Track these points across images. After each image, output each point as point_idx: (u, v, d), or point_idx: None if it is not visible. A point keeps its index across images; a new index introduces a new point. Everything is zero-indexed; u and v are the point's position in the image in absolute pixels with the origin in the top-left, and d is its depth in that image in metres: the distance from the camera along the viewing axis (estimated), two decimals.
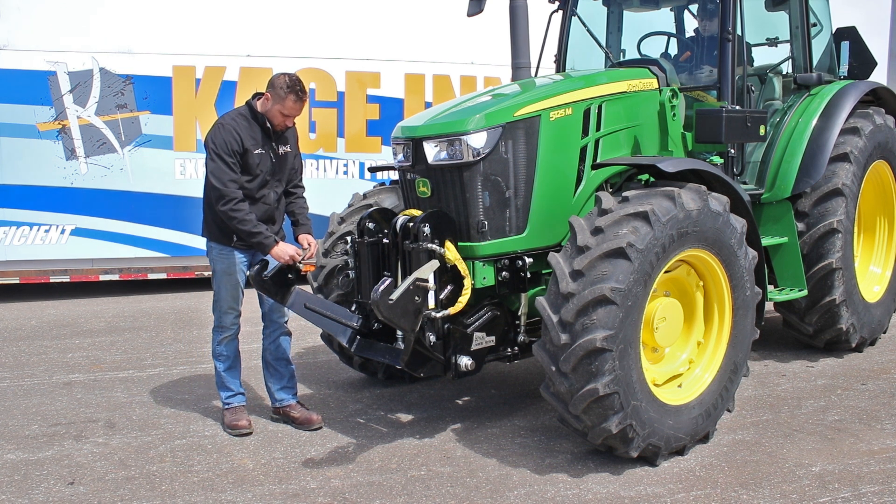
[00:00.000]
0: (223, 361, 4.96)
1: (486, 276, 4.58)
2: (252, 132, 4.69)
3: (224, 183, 4.56)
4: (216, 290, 4.89)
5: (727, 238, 4.50)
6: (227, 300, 4.87)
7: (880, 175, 6.63)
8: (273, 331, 5.01)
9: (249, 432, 4.84)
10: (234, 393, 4.98)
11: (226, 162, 4.58)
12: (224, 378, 4.97)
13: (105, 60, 8.67)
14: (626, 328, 4.04)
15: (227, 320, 4.91)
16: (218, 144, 4.61)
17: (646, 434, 4.20)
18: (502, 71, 8.63)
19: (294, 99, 4.63)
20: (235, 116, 4.73)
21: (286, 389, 5.07)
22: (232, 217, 4.56)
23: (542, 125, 4.66)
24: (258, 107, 4.73)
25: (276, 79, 4.66)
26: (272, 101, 4.66)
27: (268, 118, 4.70)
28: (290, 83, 4.62)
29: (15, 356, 6.70)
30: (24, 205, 8.64)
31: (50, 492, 4.13)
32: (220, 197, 4.56)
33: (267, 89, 4.69)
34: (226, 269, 4.83)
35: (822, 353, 6.35)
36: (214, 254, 4.84)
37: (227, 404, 4.98)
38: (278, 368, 5.05)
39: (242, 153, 4.63)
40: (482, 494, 4.06)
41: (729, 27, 5.38)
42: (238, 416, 4.91)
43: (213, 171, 4.60)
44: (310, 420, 4.96)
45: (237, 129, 4.64)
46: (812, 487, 4.09)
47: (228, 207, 4.55)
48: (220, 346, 4.95)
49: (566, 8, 6.41)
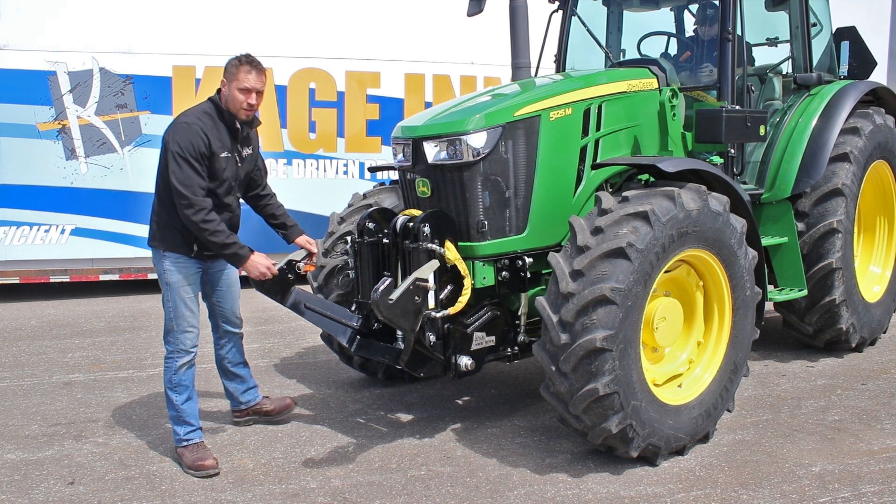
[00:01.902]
0: (181, 392, 4.40)
1: (486, 276, 4.58)
2: (219, 133, 4.32)
3: (194, 191, 4.16)
4: (172, 307, 4.38)
5: (727, 238, 4.50)
6: (187, 317, 4.39)
7: (880, 175, 6.63)
8: (228, 341, 4.77)
9: (217, 472, 4.29)
10: (193, 428, 4.44)
11: (193, 167, 4.17)
12: (182, 412, 4.40)
13: (105, 60, 8.67)
14: (626, 328, 4.04)
15: (188, 341, 4.41)
16: (184, 146, 4.18)
17: (646, 434, 4.20)
18: (502, 71, 8.62)
19: (248, 69, 4.29)
20: (200, 115, 4.31)
21: (251, 390, 4.93)
22: (203, 229, 4.17)
23: (542, 125, 4.66)
24: (221, 101, 4.38)
25: (228, 62, 4.37)
26: (228, 83, 4.32)
27: (230, 108, 4.33)
28: (241, 56, 4.34)
29: (15, 356, 6.70)
30: (24, 205, 8.64)
31: (50, 492, 4.13)
32: (190, 206, 4.15)
33: (223, 77, 4.37)
34: (181, 281, 4.37)
35: (822, 353, 6.35)
36: (168, 264, 4.37)
37: (187, 441, 4.40)
38: (239, 373, 4.86)
39: (209, 156, 4.25)
40: (482, 494, 4.06)
41: (729, 27, 5.38)
42: (202, 455, 4.36)
43: (179, 176, 4.16)
44: (285, 405, 4.89)
45: (204, 129, 4.24)
46: (812, 487, 4.10)
47: (200, 218, 4.16)
48: (178, 375, 4.39)
49: (566, 8, 6.41)
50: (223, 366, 4.85)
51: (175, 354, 4.41)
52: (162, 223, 4.39)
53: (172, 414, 4.46)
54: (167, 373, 4.43)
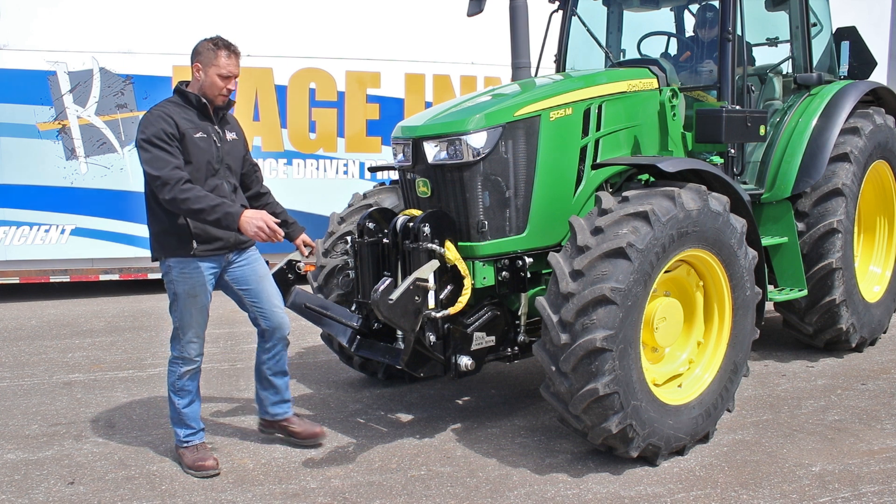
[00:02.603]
0: (184, 397, 4.36)
1: (486, 276, 4.58)
2: (186, 115, 4.12)
3: (163, 169, 3.94)
4: (179, 317, 4.29)
5: (727, 238, 4.50)
6: (194, 328, 4.29)
7: (880, 175, 6.63)
8: (274, 345, 4.54)
9: (217, 473, 4.28)
10: (194, 430, 4.40)
11: (161, 148, 3.97)
12: (184, 415, 4.37)
13: (105, 60, 8.67)
14: (626, 328, 4.04)
15: (192, 351, 4.32)
16: (148, 132, 3.99)
17: (646, 434, 4.20)
18: (502, 71, 8.63)
19: (226, 54, 4.13)
20: (163, 104, 4.17)
21: (282, 403, 4.65)
22: (183, 199, 3.90)
23: (542, 125, 4.66)
24: (191, 89, 4.20)
25: (199, 45, 4.16)
26: (204, 67, 4.13)
27: (205, 93, 4.16)
28: (216, 40, 4.16)
29: (15, 356, 6.70)
30: (24, 205, 8.64)
31: (50, 492, 4.13)
32: (164, 184, 3.91)
33: (193, 61, 4.17)
34: (190, 291, 4.24)
35: (822, 353, 6.35)
36: (174, 274, 4.23)
37: (187, 442, 4.38)
38: (276, 383, 4.62)
39: (180, 138, 4.05)
40: (482, 494, 4.06)
41: (729, 27, 5.38)
42: (203, 455, 4.34)
43: (149, 161, 3.95)
44: (314, 433, 4.62)
45: (167, 112, 4.08)
46: (812, 487, 4.10)
47: (177, 190, 3.91)
48: (182, 381, 4.33)
49: (566, 8, 6.42)
50: (261, 371, 4.60)
51: (179, 361, 4.34)
52: (156, 231, 4.25)
53: (173, 416, 4.41)
54: (170, 377, 4.37)
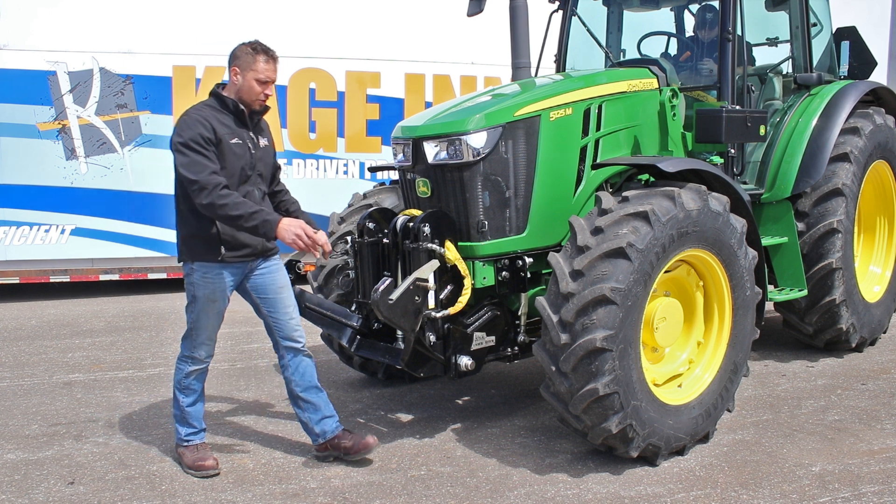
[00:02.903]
0: (188, 395, 4.33)
1: (486, 276, 4.57)
2: (223, 120, 4.11)
3: (201, 174, 3.93)
4: (194, 319, 4.24)
5: (727, 238, 4.50)
6: (207, 331, 4.26)
7: (880, 175, 6.63)
8: (292, 358, 4.36)
9: (217, 473, 4.27)
10: (196, 430, 4.38)
11: (199, 152, 3.96)
12: (187, 414, 4.34)
13: (105, 60, 8.68)
14: (626, 328, 4.04)
15: (202, 353, 4.31)
16: (186, 136, 3.97)
17: (646, 434, 4.20)
18: (502, 71, 8.62)
19: (265, 59, 4.12)
20: (200, 107, 4.15)
21: (326, 420, 4.39)
22: (221, 205, 3.89)
23: (542, 125, 4.66)
24: (226, 92, 4.19)
25: (237, 49, 4.16)
26: (242, 72, 4.12)
27: (242, 98, 4.16)
28: (254, 44, 4.15)
29: (15, 356, 6.70)
30: (24, 205, 8.65)
31: (50, 492, 4.13)
32: (201, 189, 3.90)
33: (230, 65, 4.17)
34: (209, 296, 4.19)
35: (822, 353, 6.35)
36: (196, 277, 4.17)
37: (187, 441, 4.36)
38: (311, 399, 4.37)
39: (217, 143, 4.04)
40: (482, 494, 4.06)
41: (729, 27, 5.38)
42: (203, 455, 4.32)
43: (187, 165, 3.94)
44: (366, 444, 4.37)
45: (205, 116, 4.06)
46: (812, 487, 4.09)
47: (214, 195, 3.89)
48: (188, 379, 4.31)
49: (566, 8, 6.41)
50: (291, 390, 4.40)
51: (188, 360, 4.32)
52: (184, 235, 4.20)
53: (176, 413, 4.39)
54: (177, 374, 4.35)
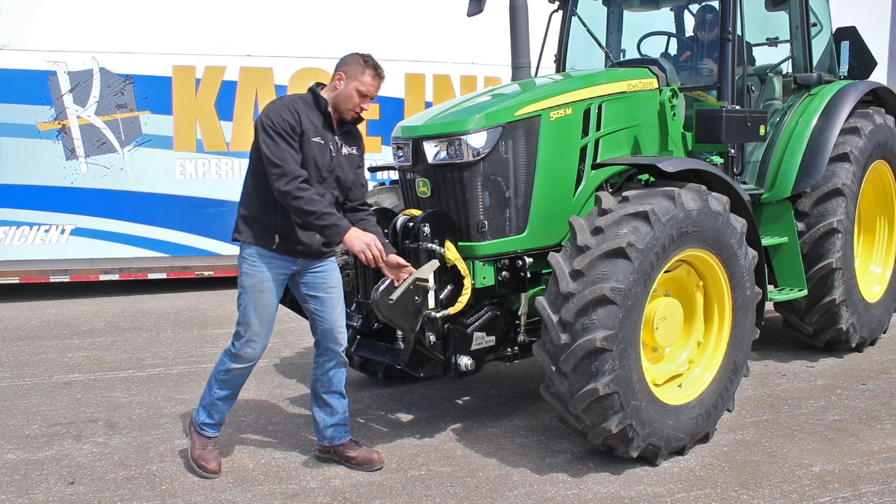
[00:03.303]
0: (223, 388, 4.25)
1: (486, 276, 4.58)
2: (312, 116, 4.06)
3: (286, 160, 3.90)
4: (242, 311, 4.15)
5: (727, 238, 4.50)
6: (253, 326, 4.12)
7: (880, 175, 6.63)
8: (327, 360, 4.30)
9: (216, 477, 4.23)
10: (214, 423, 4.32)
11: (286, 140, 3.93)
12: (215, 404, 4.28)
13: (105, 60, 8.68)
14: (626, 328, 4.04)
15: (249, 352, 4.15)
16: (275, 120, 3.95)
17: (646, 434, 4.20)
18: (502, 71, 8.63)
19: (373, 74, 4.08)
20: (294, 98, 4.13)
21: (339, 427, 4.39)
22: (298, 196, 3.86)
23: (542, 125, 4.67)
24: (323, 94, 4.13)
25: (349, 57, 4.13)
26: (347, 79, 4.08)
27: (339, 103, 4.10)
28: (367, 58, 4.10)
29: (15, 356, 6.70)
30: (24, 205, 8.65)
31: (50, 492, 4.13)
32: (283, 174, 3.87)
33: (338, 69, 4.12)
34: (257, 286, 4.09)
35: (822, 353, 6.35)
36: (246, 266, 4.10)
37: (201, 430, 4.31)
38: (331, 403, 4.35)
39: (300, 135, 3.99)
40: (482, 494, 4.06)
41: (729, 27, 5.38)
42: (209, 455, 4.28)
43: (273, 149, 3.91)
44: (370, 460, 4.36)
45: (295, 107, 4.03)
46: (812, 487, 4.10)
47: (294, 186, 3.86)
48: (229, 374, 4.21)
49: (566, 8, 6.42)
50: (315, 389, 4.38)
51: (233, 357, 4.18)
52: (245, 213, 4.11)
53: (206, 400, 4.30)
54: (219, 364, 4.25)
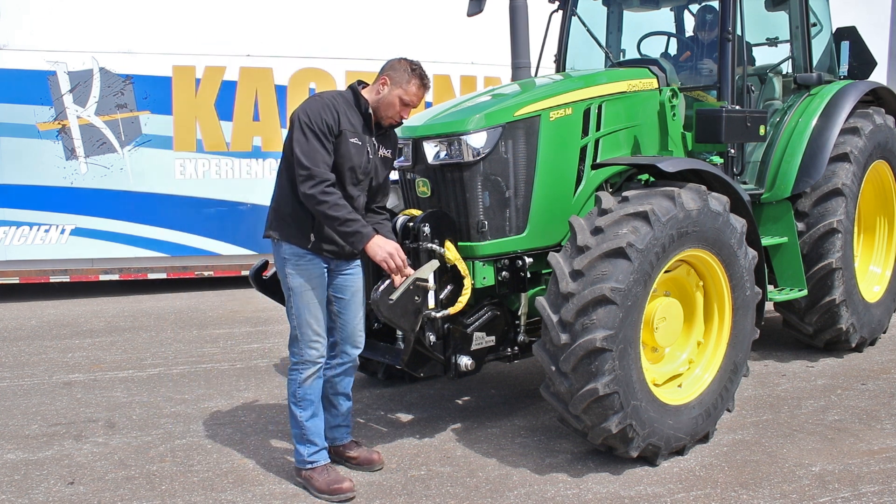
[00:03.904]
0: (305, 408, 4.01)
1: (486, 276, 4.58)
2: (351, 117, 3.94)
3: (316, 163, 3.77)
4: (295, 314, 3.98)
5: (727, 238, 4.50)
6: (312, 325, 3.97)
7: (880, 175, 6.63)
8: (341, 362, 4.22)
9: (354, 496, 4.00)
10: (318, 448, 4.07)
11: (319, 140, 3.80)
12: (307, 430, 4.03)
13: (105, 60, 8.68)
14: (625, 328, 4.04)
15: (314, 352, 4.00)
16: (312, 117, 3.82)
17: (646, 434, 4.20)
18: (502, 71, 8.63)
19: (419, 84, 3.98)
20: (335, 95, 3.98)
21: (341, 428, 4.35)
22: (322, 201, 3.75)
23: (542, 125, 4.67)
24: (365, 94, 4.02)
25: (397, 62, 4.01)
26: (391, 85, 3.96)
27: (379, 108, 3.99)
28: (415, 66, 3.99)
29: (15, 356, 6.70)
30: (24, 205, 8.65)
31: (50, 492, 4.13)
32: (310, 177, 3.75)
33: (383, 73, 4.01)
34: (305, 283, 3.95)
35: (822, 353, 6.35)
36: (290, 267, 3.95)
37: (312, 463, 4.05)
38: (336, 404, 4.29)
39: (338, 135, 3.87)
40: (482, 494, 4.06)
41: (729, 27, 5.38)
42: (337, 478, 4.03)
43: (304, 147, 3.78)
44: (371, 460, 4.33)
45: (336, 106, 3.89)
46: (812, 487, 4.10)
47: (319, 190, 3.74)
48: (303, 388, 4.00)
49: (566, 8, 6.42)
50: (323, 389, 4.22)
51: (300, 366, 4.02)
52: (281, 211, 3.99)
53: (296, 432, 4.08)
54: (291, 385, 4.04)
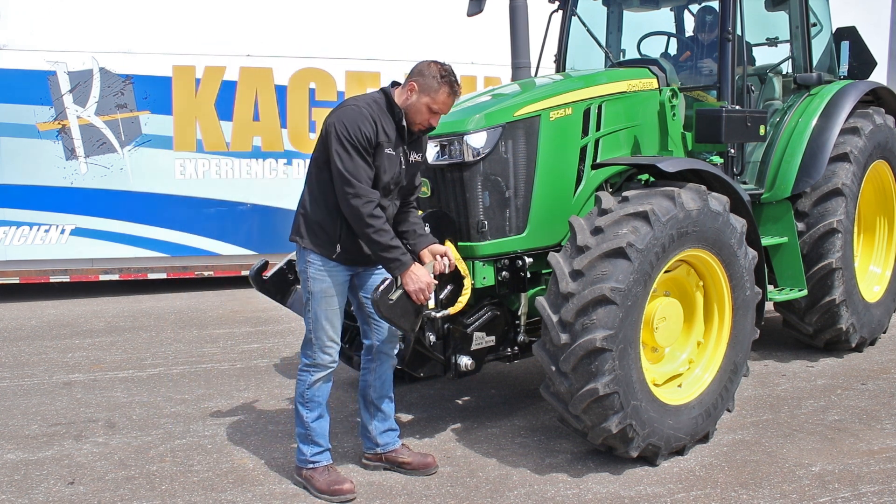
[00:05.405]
0: (313, 409, 4.03)
1: (486, 276, 4.58)
2: (386, 126, 3.85)
3: (361, 179, 3.71)
4: (312, 318, 3.96)
5: (727, 238, 4.50)
6: (328, 330, 3.96)
7: (880, 175, 6.63)
8: (380, 364, 4.21)
9: (354, 498, 4.01)
10: (321, 449, 4.09)
11: (360, 154, 3.73)
12: (311, 430, 4.04)
13: (105, 60, 8.67)
14: (625, 328, 4.04)
15: (326, 357, 3.99)
16: (351, 131, 3.73)
17: (646, 434, 4.20)
18: (502, 71, 8.62)
19: (448, 92, 3.87)
20: (370, 102, 3.87)
21: (391, 432, 4.32)
22: (369, 224, 3.70)
23: (542, 125, 4.67)
24: (397, 98, 3.92)
25: (426, 67, 3.88)
26: (419, 92, 3.86)
27: (407, 113, 3.90)
28: (445, 72, 3.87)
29: (15, 356, 6.70)
30: (24, 205, 8.63)
31: (50, 492, 4.13)
32: (357, 196, 3.69)
33: (412, 78, 3.90)
34: (327, 290, 3.93)
35: (822, 353, 6.35)
36: (312, 271, 3.91)
37: (314, 463, 4.07)
38: (383, 408, 4.26)
39: (375, 147, 3.80)
40: (482, 494, 4.06)
41: (729, 27, 5.38)
42: (336, 478, 4.04)
43: (347, 164, 3.70)
44: (426, 464, 4.27)
45: (375, 117, 3.80)
46: (812, 487, 4.10)
47: (368, 211, 3.69)
48: (311, 390, 4.01)
49: (566, 8, 6.42)
50: (366, 395, 4.26)
51: (311, 369, 4.02)
52: (309, 219, 3.93)
53: (300, 431, 4.10)
54: (299, 386, 4.05)
